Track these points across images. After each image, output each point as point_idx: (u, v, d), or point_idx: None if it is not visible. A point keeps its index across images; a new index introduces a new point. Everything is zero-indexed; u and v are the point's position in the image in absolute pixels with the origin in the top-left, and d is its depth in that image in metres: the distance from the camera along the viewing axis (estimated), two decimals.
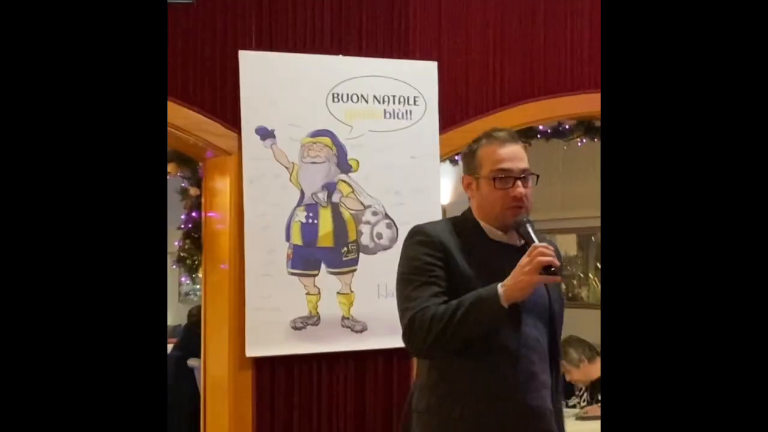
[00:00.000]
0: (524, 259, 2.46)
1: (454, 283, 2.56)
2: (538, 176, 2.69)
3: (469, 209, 2.73)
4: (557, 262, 2.47)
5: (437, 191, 4.25)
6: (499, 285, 2.46)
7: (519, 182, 2.60)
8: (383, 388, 4.11)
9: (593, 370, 5.22)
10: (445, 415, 2.57)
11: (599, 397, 5.15)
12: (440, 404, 2.58)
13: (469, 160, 2.69)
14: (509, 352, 2.54)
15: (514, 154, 2.62)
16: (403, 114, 4.16)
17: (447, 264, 2.58)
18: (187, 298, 11.41)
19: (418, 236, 2.64)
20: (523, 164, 2.63)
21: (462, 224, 2.69)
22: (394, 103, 4.14)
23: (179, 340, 7.02)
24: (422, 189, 4.17)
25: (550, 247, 2.50)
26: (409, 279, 2.60)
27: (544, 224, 4.88)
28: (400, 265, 2.66)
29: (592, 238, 8.34)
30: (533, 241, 2.51)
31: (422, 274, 2.57)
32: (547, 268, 2.45)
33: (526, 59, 4.43)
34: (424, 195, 4.17)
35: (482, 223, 2.66)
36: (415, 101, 4.18)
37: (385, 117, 4.12)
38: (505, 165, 2.60)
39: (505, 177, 2.59)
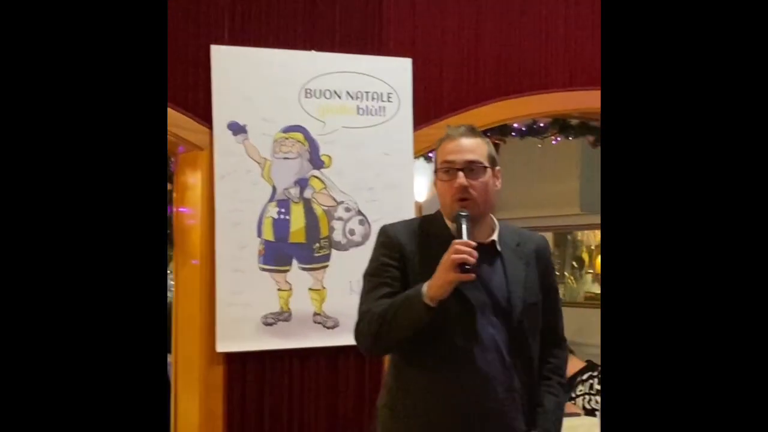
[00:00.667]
0: (445, 256, 2.47)
1: (409, 283, 2.59)
2: (493, 169, 2.66)
3: (439, 209, 2.76)
4: (471, 260, 2.43)
5: (410, 188, 4.25)
6: (425, 284, 2.48)
7: (460, 173, 2.59)
8: (355, 385, 4.11)
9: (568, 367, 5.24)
10: (399, 410, 2.62)
11: (572, 395, 5.18)
12: (394, 400, 2.65)
13: (434, 156, 2.75)
14: (460, 351, 2.55)
15: (461, 147, 2.62)
16: (376, 110, 4.15)
17: (403, 264, 2.62)
18: None
19: (380, 237, 2.71)
20: (470, 156, 2.61)
21: (430, 222, 2.71)
22: (367, 99, 4.13)
23: None
24: (395, 185, 4.17)
25: (471, 243, 2.46)
26: (368, 280, 2.67)
27: (519, 222, 4.87)
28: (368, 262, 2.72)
29: (568, 237, 8.38)
30: (461, 237, 2.50)
31: (378, 275, 2.64)
32: (462, 266, 2.43)
33: (501, 57, 4.43)
34: (397, 191, 4.17)
35: (446, 220, 2.68)
36: (388, 98, 4.17)
37: (358, 113, 4.12)
38: (449, 157, 2.61)
39: (449, 169, 2.60)
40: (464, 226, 2.52)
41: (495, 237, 2.67)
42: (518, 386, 2.63)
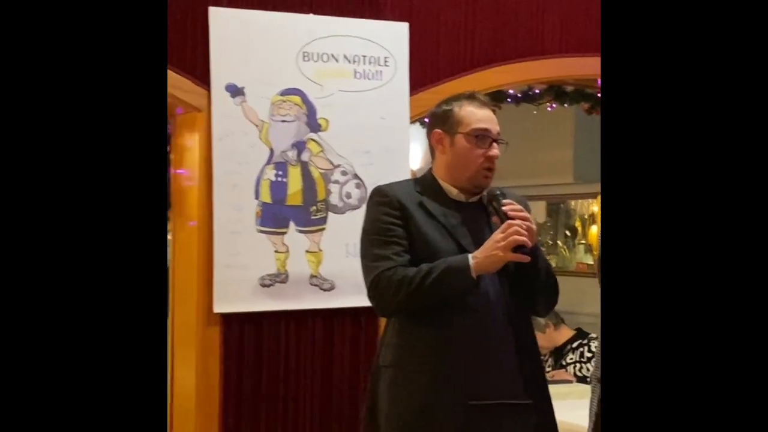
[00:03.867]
0: (498, 235, 2.55)
1: (413, 241, 2.64)
2: (507, 143, 2.76)
3: (429, 170, 2.80)
4: (530, 243, 2.54)
5: (407, 152, 4.27)
6: (471, 256, 2.55)
7: (495, 144, 2.69)
8: (350, 346, 4.14)
9: (558, 336, 5.29)
10: (405, 368, 2.65)
11: (563, 362, 5.23)
12: (401, 358, 2.67)
13: (444, 116, 2.74)
14: (467, 306, 2.60)
15: (492, 118, 2.73)
16: (373, 74, 4.17)
17: (406, 222, 2.66)
18: None
19: (377, 197, 2.74)
20: (498, 128, 2.72)
21: (422, 183, 2.77)
22: (364, 63, 4.15)
23: None
24: (392, 149, 4.19)
25: (526, 224, 2.57)
26: (371, 239, 2.69)
27: (512, 191, 4.90)
28: (363, 225, 2.75)
29: (561, 206, 8.42)
30: (505, 218, 2.59)
31: (382, 234, 2.66)
32: (519, 247, 2.54)
33: (498, 22, 4.44)
34: (394, 155, 4.19)
35: (441, 182, 2.73)
36: (385, 62, 4.19)
37: (355, 77, 4.13)
38: (485, 125, 2.69)
39: (484, 136, 2.67)
40: (501, 204, 2.62)
41: (484, 194, 2.75)
42: (524, 337, 2.70)
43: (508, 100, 5.22)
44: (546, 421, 2.72)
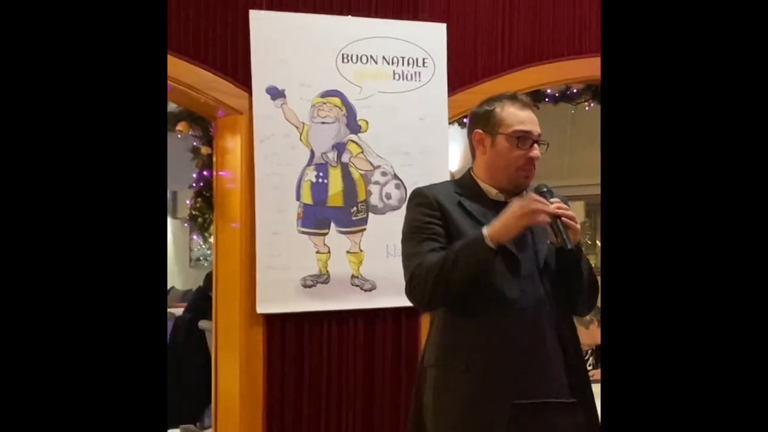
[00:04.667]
0: (516, 205, 2.55)
1: (452, 240, 2.64)
2: (548, 145, 2.76)
3: (468, 170, 2.80)
4: (549, 211, 2.54)
5: (445, 152, 4.29)
6: (485, 227, 2.55)
7: (536, 146, 2.69)
8: (392, 346, 4.17)
9: (600, 333, 5.26)
10: (452, 368, 2.64)
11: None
12: (446, 358, 2.67)
13: (486, 116, 2.74)
14: (509, 305, 2.59)
15: (534, 119, 2.72)
16: (412, 75, 4.19)
17: (444, 221, 2.66)
18: (198, 263, 11.45)
19: (416, 198, 2.74)
20: (540, 130, 2.72)
21: (462, 184, 2.77)
22: (403, 64, 4.17)
23: (190, 303, 7.10)
24: (431, 150, 4.21)
25: (571, 223, 2.56)
26: (409, 238, 2.70)
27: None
28: (402, 228, 2.75)
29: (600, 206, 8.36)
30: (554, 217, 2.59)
31: (420, 233, 2.67)
32: (554, 225, 2.55)
33: (535, 22, 4.45)
34: (433, 156, 4.21)
35: (480, 183, 2.73)
36: (424, 63, 4.21)
37: (394, 78, 4.16)
38: (528, 127, 2.68)
39: (525, 138, 2.67)
40: (550, 202, 2.61)
41: (525, 193, 2.74)
42: (567, 336, 2.68)
43: (546, 99, 5.21)
44: (589, 420, 2.71)
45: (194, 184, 4.36)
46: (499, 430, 2.58)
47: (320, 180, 4.02)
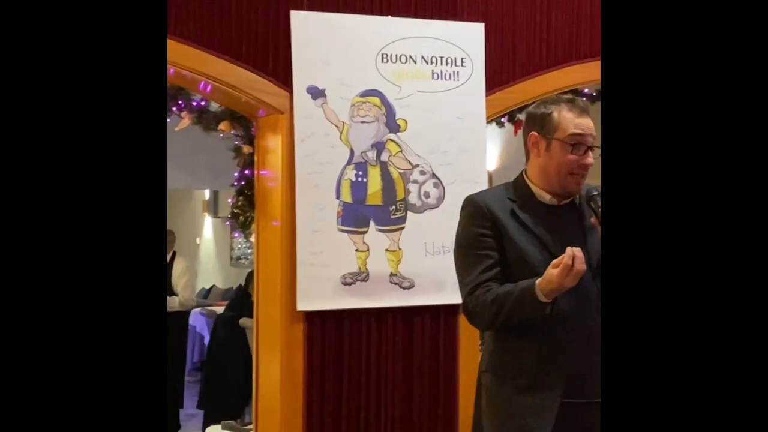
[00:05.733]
0: (563, 261, 2.47)
1: (505, 253, 2.66)
2: (600, 148, 2.73)
3: (522, 173, 2.79)
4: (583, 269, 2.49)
5: (483, 151, 4.31)
6: (537, 281, 2.52)
7: (590, 152, 2.68)
8: (430, 344, 4.20)
9: None
10: (503, 373, 2.69)
11: None
12: (499, 363, 2.72)
13: (543, 119, 2.73)
14: (559, 311, 2.58)
15: (591, 125, 2.71)
16: (450, 75, 4.22)
17: (498, 233, 2.67)
18: (238, 262, 11.54)
19: (469, 207, 2.75)
20: (595, 135, 2.70)
21: (514, 188, 2.77)
22: (441, 64, 4.20)
23: (231, 301, 7.17)
24: (469, 149, 4.23)
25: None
26: (463, 252, 2.73)
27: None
28: (455, 237, 2.78)
29: None
30: (596, 216, 2.60)
31: (475, 247, 2.68)
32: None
33: (573, 21, 4.46)
34: (471, 155, 4.24)
35: (532, 186, 2.73)
36: (462, 62, 4.24)
37: (433, 78, 4.19)
38: (583, 132, 2.67)
39: (580, 144, 2.66)
40: (599, 205, 2.61)
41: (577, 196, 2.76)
42: None
43: (584, 98, 5.22)
44: None
45: (236, 183, 4.42)
46: (545, 428, 2.60)
47: (360, 179, 4.06)
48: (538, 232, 2.66)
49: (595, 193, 2.64)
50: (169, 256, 6.79)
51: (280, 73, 3.97)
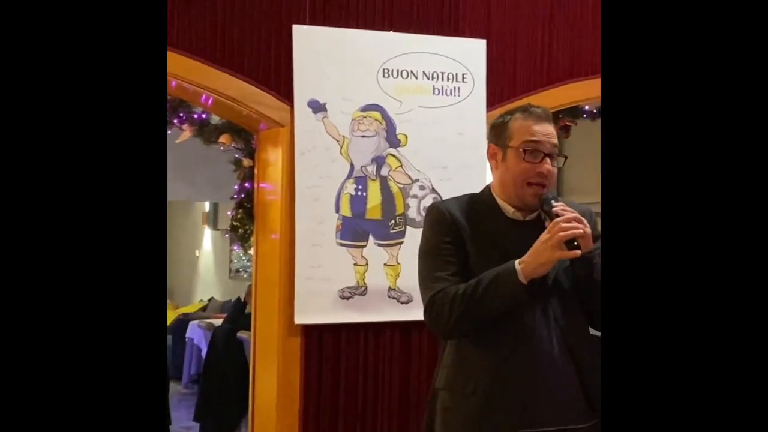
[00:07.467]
0: (545, 235, 2.45)
1: (467, 262, 2.57)
2: (566, 158, 2.68)
3: (488, 186, 2.73)
4: (580, 232, 2.43)
5: (483, 167, 4.30)
6: (517, 261, 2.46)
7: (547, 159, 2.58)
8: (428, 359, 4.18)
9: None
10: (459, 390, 2.59)
11: None
12: (455, 380, 2.61)
13: (499, 129, 2.67)
14: (525, 332, 2.53)
15: (548, 131, 2.61)
16: (451, 91, 4.23)
17: (460, 241, 2.59)
18: (237, 274, 11.54)
19: (432, 214, 2.69)
20: (554, 141, 2.62)
21: (479, 199, 2.70)
22: (443, 79, 4.21)
23: (229, 314, 7.17)
24: (469, 165, 4.24)
25: (580, 226, 2.45)
26: (426, 259, 2.66)
27: (575, 202, 4.91)
28: (419, 244, 2.71)
29: None
30: (552, 219, 2.50)
31: (438, 254, 2.61)
32: (569, 242, 2.42)
33: (575, 38, 4.48)
34: (471, 171, 4.24)
35: (498, 200, 2.66)
36: (463, 78, 4.25)
37: (434, 93, 4.20)
38: (538, 138, 2.58)
39: (535, 150, 2.57)
40: (552, 206, 2.52)
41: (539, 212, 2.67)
42: (582, 358, 2.59)
43: (584, 116, 5.24)
44: None
45: (235, 196, 4.43)
46: None
47: (359, 193, 4.07)
48: (500, 244, 2.57)
49: (550, 196, 2.56)
50: None
51: (282, 86, 3.99)
